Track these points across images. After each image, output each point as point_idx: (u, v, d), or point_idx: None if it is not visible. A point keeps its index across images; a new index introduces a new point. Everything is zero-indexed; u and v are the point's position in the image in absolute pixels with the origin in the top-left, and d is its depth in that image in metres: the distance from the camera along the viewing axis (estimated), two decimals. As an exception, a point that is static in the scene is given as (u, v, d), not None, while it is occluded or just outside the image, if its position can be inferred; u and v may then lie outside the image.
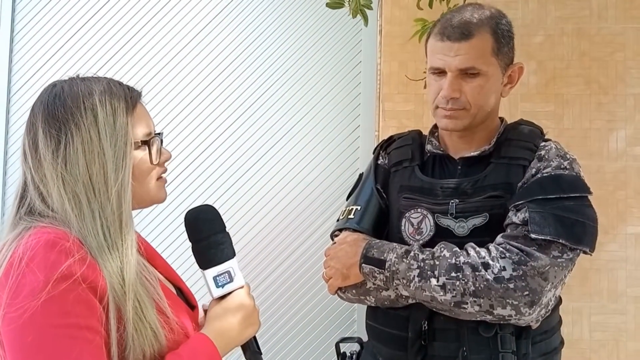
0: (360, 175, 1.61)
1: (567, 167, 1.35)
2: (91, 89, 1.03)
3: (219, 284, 1.10)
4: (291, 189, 2.53)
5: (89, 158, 0.99)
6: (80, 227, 0.97)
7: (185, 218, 1.13)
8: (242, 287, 1.13)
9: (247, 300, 1.12)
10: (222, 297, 1.11)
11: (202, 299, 1.21)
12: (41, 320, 0.88)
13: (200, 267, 1.12)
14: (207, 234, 1.11)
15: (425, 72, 1.48)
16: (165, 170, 1.15)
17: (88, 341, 0.90)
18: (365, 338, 1.57)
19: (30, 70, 2.58)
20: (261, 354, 1.15)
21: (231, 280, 1.11)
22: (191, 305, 1.20)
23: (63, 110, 1.00)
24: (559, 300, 1.41)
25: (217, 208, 1.16)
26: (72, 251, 0.93)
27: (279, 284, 2.52)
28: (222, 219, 1.15)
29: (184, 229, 1.14)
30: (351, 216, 1.47)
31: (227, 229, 1.14)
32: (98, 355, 0.91)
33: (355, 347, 1.57)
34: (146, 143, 1.08)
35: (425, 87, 1.49)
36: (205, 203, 1.19)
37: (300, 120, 2.54)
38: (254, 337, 1.14)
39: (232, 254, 1.13)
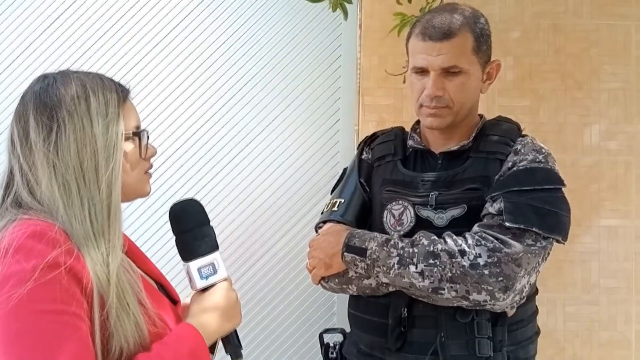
0: (344, 169, 1.64)
1: (542, 160, 1.39)
2: (83, 80, 1.04)
3: (203, 275, 1.12)
4: (271, 182, 2.54)
5: (81, 146, 1.00)
6: (68, 214, 0.97)
7: (170, 210, 1.15)
8: (225, 279, 1.14)
9: (230, 292, 1.13)
10: (205, 290, 1.12)
11: (182, 294, 1.21)
12: (28, 306, 0.89)
13: (184, 260, 1.13)
14: (193, 226, 1.13)
15: (404, 67, 1.51)
16: (151, 166, 1.16)
17: (75, 327, 0.91)
18: (346, 329, 1.59)
19: (1, 65, 2.55)
20: (241, 347, 1.17)
21: (215, 272, 1.13)
22: (173, 300, 1.21)
23: (56, 99, 1.01)
24: (535, 290, 1.46)
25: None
26: (58, 242, 0.93)
27: (259, 278, 2.53)
28: (206, 212, 1.17)
29: (163, 224, 1.15)
30: (335, 209, 1.51)
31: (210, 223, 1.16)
32: (84, 341, 0.92)
33: (338, 337, 1.60)
34: (136, 135, 1.10)
35: (404, 82, 1.52)
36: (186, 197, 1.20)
37: (280, 114, 2.55)
38: (235, 331, 1.15)
39: (216, 247, 1.15)
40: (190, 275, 1.12)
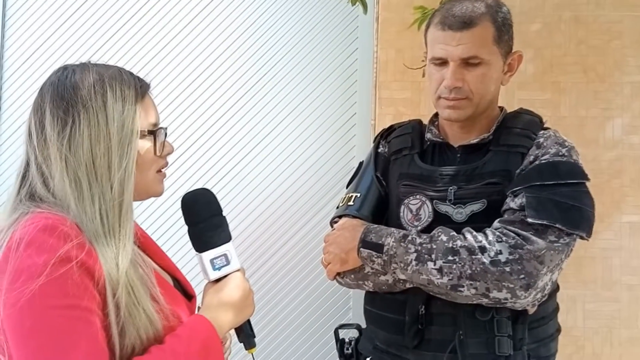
0: (360, 163, 1.62)
1: (565, 154, 1.35)
2: (102, 74, 1.03)
3: (216, 266, 1.11)
4: (287, 176, 2.53)
5: (94, 142, 0.99)
6: (78, 211, 0.97)
7: (182, 201, 1.13)
8: (238, 270, 1.13)
9: (243, 283, 1.12)
10: (218, 280, 1.12)
11: (199, 288, 1.21)
12: (40, 302, 0.89)
13: (197, 250, 1.12)
14: (206, 217, 1.12)
15: (423, 60, 1.48)
16: (166, 164, 1.14)
17: (88, 322, 0.91)
18: (361, 325, 1.57)
19: (20, 59, 2.56)
20: (254, 337, 1.16)
21: (228, 263, 1.12)
22: (189, 295, 1.20)
23: (72, 93, 1.00)
24: (556, 287, 1.43)
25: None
26: (70, 236, 0.93)
27: (275, 272, 2.53)
28: (219, 203, 1.15)
29: (179, 219, 1.13)
30: (351, 203, 1.49)
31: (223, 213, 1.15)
32: (96, 336, 0.91)
33: (354, 333, 1.58)
34: (152, 133, 1.08)
35: (423, 75, 1.49)
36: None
37: (297, 108, 2.54)
38: (248, 320, 1.15)
39: (229, 238, 1.13)
40: (203, 266, 1.11)
